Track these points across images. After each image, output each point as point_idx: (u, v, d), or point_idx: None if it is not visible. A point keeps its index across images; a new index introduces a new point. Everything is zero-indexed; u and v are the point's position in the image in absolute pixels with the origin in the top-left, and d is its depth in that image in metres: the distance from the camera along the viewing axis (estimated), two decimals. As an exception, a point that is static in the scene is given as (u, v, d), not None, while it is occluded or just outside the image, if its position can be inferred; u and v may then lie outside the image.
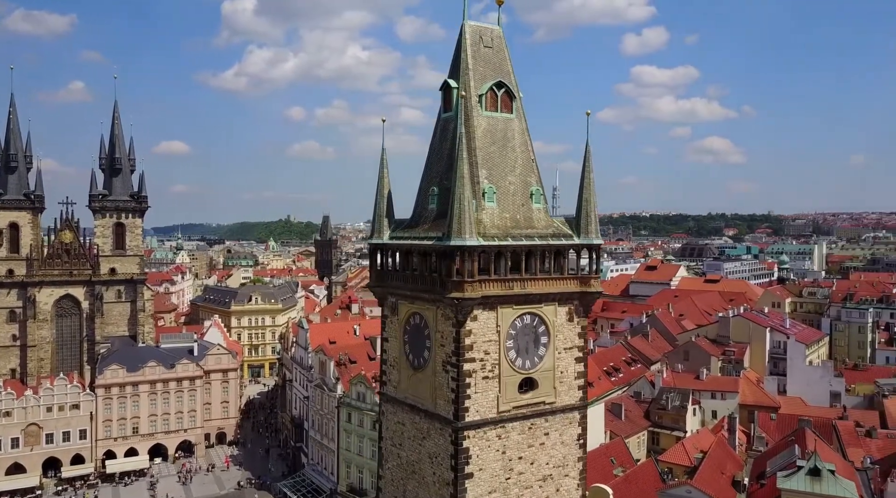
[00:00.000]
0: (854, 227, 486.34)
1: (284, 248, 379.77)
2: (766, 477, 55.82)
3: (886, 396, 76.55)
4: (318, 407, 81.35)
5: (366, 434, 73.26)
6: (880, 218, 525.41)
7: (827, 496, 45.48)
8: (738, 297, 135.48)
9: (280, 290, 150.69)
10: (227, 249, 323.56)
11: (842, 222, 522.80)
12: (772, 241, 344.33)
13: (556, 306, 30.25)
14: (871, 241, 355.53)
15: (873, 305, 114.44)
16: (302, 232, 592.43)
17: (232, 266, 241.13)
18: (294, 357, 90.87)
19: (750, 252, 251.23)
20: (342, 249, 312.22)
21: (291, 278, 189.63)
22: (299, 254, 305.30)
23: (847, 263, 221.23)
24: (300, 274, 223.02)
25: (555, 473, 30.61)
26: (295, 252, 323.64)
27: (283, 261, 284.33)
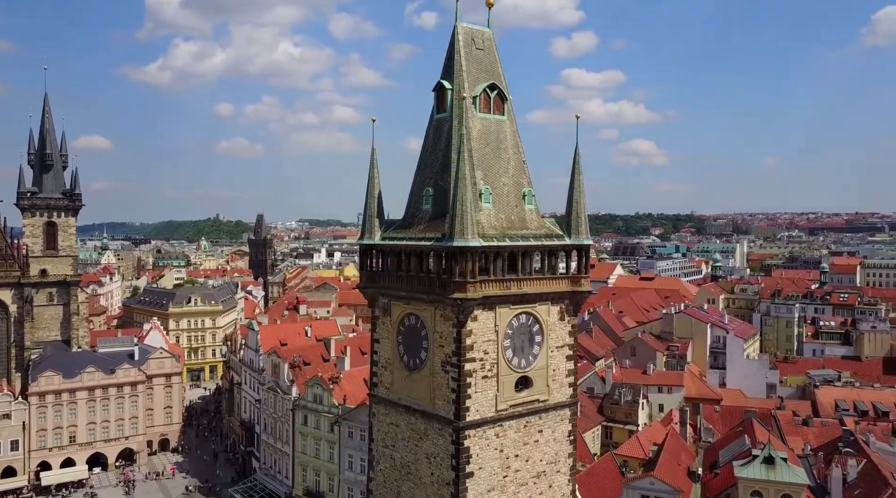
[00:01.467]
0: (770, 226, 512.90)
1: (215, 247, 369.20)
2: (719, 466, 58.49)
3: (818, 387, 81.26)
4: (271, 410, 79.73)
5: (323, 436, 72.41)
6: (793, 218, 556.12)
7: (781, 483, 48.07)
8: (672, 294, 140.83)
9: (220, 291, 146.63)
10: (157, 249, 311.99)
11: (758, 222, 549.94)
12: (696, 241, 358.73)
13: (549, 306, 30.84)
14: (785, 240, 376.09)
15: (799, 300, 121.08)
16: (232, 231, 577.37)
17: (163, 266, 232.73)
18: (243, 360, 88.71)
19: (678, 251, 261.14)
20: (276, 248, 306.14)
21: (230, 279, 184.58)
22: (233, 254, 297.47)
23: (768, 261, 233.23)
24: (235, 274, 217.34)
25: (548, 470, 31.21)
26: (228, 252, 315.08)
27: (216, 261, 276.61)
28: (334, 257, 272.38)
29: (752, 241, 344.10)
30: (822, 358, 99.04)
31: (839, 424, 68.81)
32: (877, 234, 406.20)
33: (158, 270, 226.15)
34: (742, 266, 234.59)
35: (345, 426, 69.72)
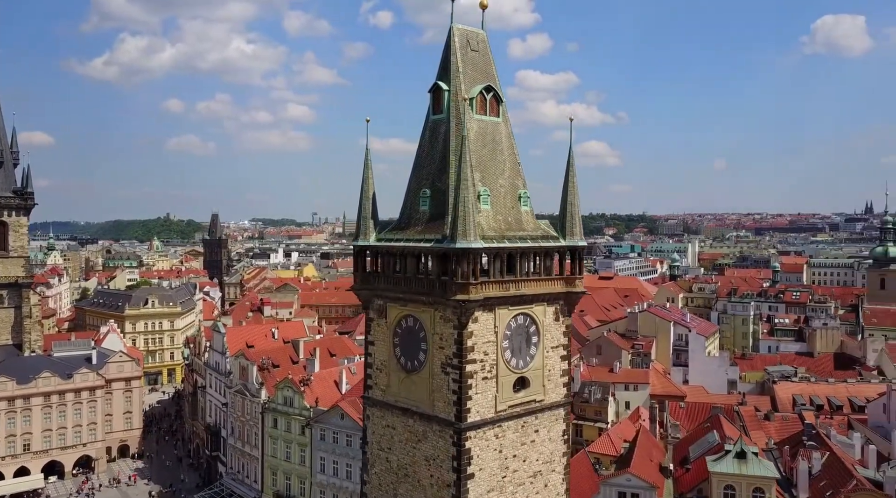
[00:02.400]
0: (719, 226, 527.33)
1: (167, 247, 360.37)
2: (690, 462, 59.91)
3: (776, 382, 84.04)
4: (238, 413, 78.28)
5: (294, 439, 71.49)
6: (739, 219, 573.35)
7: (752, 476, 49.54)
8: (632, 293, 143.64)
9: (178, 292, 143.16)
10: (107, 250, 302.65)
11: (707, 222, 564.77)
12: (649, 240, 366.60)
13: (545, 306, 31.13)
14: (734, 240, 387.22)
15: (754, 298, 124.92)
16: (184, 231, 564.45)
17: (114, 267, 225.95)
18: (209, 363, 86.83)
19: (634, 250, 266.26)
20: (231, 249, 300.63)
21: (187, 280, 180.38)
22: (187, 254, 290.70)
23: (720, 261, 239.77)
24: (190, 275, 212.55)
25: (543, 470, 31.50)
26: (181, 252, 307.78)
27: (169, 261, 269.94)
28: (292, 258, 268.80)
29: (702, 241, 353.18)
30: (777, 354, 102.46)
31: (798, 419, 71.38)
32: (818, 234, 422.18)
33: (109, 271, 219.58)
34: (695, 265, 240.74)
35: (317, 429, 68.95)
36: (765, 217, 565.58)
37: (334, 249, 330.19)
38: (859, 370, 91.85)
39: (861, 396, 78.65)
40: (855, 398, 78.41)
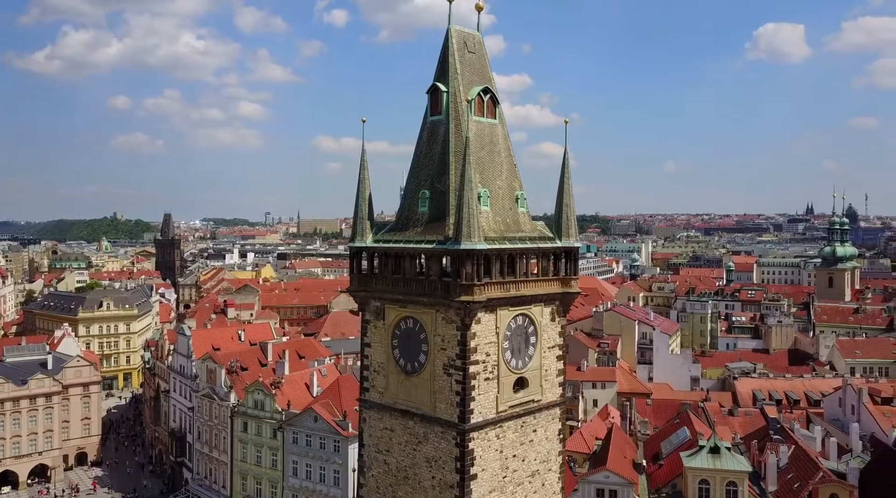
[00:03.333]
0: (669, 226, 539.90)
1: (116, 248, 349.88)
2: (662, 457, 61.28)
3: (736, 378, 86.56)
4: (205, 418, 76.59)
5: (265, 443, 70.38)
6: (689, 219, 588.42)
7: (726, 470, 50.89)
8: (591, 292, 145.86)
9: (134, 294, 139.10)
10: (52, 250, 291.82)
11: (658, 222, 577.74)
12: (603, 240, 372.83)
13: (542, 307, 31.42)
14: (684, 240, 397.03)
15: (711, 297, 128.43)
16: (132, 231, 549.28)
17: (61, 269, 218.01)
18: (172, 366, 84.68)
19: (590, 250, 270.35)
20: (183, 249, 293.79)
21: (143, 281, 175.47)
22: (138, 255, 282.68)
23: (673, 260, 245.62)
24: (142, 277, 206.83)
25: (541, 469, 31.79)
26: (132, 253, 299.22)
27: (119, 262, 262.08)
28: (248, 258, 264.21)
29: (654, 241, 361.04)
30: (735, 351, 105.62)
31: (760, 414, 73.62)
32: (763, 234, 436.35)
33: (56, 273, 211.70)
34: (648, 265, 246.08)
35: (289, 432, 68.05)
36: (713, 217, 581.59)
37: (290, 249, 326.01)
38: (813, 366, 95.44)
39: (816, 390, 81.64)
40: (811, 393, 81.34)
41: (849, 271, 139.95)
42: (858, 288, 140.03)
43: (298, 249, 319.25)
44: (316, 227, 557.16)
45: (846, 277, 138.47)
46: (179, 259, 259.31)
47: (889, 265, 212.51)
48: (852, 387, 72.06)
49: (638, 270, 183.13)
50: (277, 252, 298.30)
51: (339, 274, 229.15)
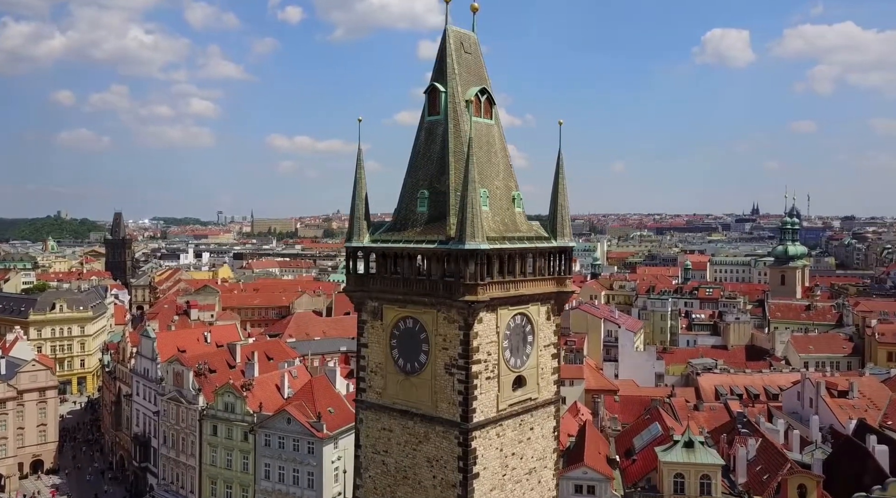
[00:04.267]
0: (622, 226, 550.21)
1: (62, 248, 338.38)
2: (635, 453, 62.53)
3: (699, 374, 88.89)
4: (172, 422, 74.83)
5: (235, 446, 69.19)
6: (641, 219, 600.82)
7: (700, 464, 52.30)
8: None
9: (89, 296, 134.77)
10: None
11: (612, 222, 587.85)
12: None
13: (539, 306, 31.77)
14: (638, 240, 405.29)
15: (671, 295, 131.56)
16: (77, 230, 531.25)
17: (6, 269, 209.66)
18: (136, 369, 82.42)
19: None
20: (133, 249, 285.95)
21: (98, 282, 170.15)
22: (86, 255, 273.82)
23: (629, 259, 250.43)
24: (93, 278, 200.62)
25: (537, 466, 32.15)
26: (80, 253, 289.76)
27: (67, 263, 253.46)
28: (203, 258, 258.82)
29: (609, 241, 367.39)
30: (695, 348, 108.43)
31: (724, 408, 75.81)
32: (712, 233, 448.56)
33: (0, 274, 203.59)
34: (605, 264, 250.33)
35: (261, 434, 67.05)
36: (664, 217, 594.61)
37: (246, 249, 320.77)
38: (769, 361, 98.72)
39: (774, 385, 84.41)
40: (770, 387, 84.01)
41: (799, 269, 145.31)
42: (808, 286, 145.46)
43: (254, 249, 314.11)
44: (270, 226, 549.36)
45: (797, 275, 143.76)
46: (131, 259, 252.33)
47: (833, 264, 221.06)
48: (810, 381, 74.82)
49: (598, 269, 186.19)
50: (233, 252, 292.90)
51: (298, 274, 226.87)
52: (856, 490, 50.73)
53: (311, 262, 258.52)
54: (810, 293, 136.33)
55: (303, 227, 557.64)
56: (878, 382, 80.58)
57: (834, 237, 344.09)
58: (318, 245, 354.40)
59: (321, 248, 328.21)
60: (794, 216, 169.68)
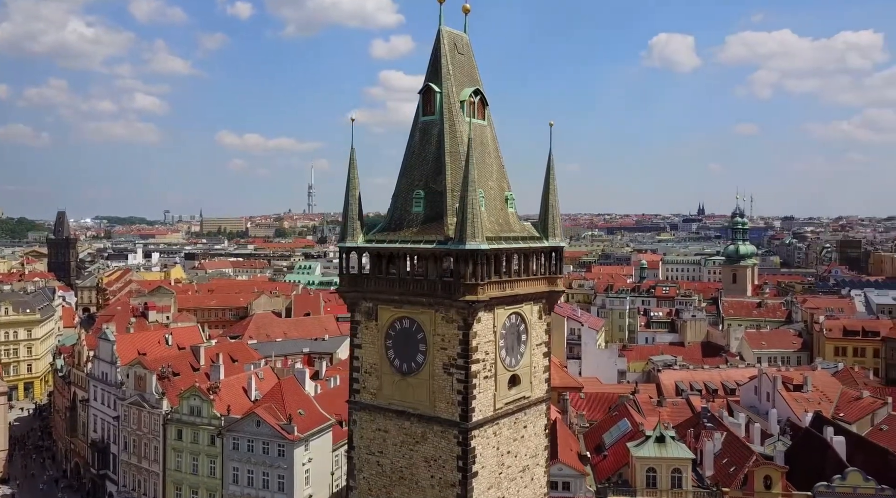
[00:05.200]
0: (573, 226, 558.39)
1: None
2: (606, 449, 63.70)
3: (660, 371, 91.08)
4: (133, 427, 72.66)
5: (202, 450, 67.64)
6: (592, 218, 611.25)
7: (672, 458, 53.63)
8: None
9: (35, 298, 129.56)
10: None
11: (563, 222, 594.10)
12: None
13: (531, 305, 32.14)
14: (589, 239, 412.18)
15: (629, 293, 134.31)
16: (14, 229, 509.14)
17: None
18: (93, 373, 79.69)
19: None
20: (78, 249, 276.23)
21: (45, 283, 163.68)
22: (27, 255, 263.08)
23: (584, 258, 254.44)
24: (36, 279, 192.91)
25: (530, 463, 32.53)
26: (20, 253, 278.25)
27: (7, 263, 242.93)
28: (153, 258, 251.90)
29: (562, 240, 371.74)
30: (654, 345, 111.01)
31: (686, 403, 77.91)
32: (661, 233, 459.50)
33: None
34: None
35: (229, 438, 65.73)
36: (614, 217, 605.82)
37: (197, 249, 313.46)
38: (725, 357, 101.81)
39: (731, 380, 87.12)
40: (727, 382, 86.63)
41: (749, 268, 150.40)
42: (757, 284, 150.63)
43: (206, 249, 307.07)
44: (220, 225, 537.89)
45: (748, 274, 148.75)
46: (75, 260, 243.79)
47: (778, 262, 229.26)
48: (767, 376, 77.54)
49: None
50: (184, 252, 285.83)
51: (253, 275, 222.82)
52: (817, 480, 52.87)
53: (265, 262, 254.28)
54: (760, 291, 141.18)
55: (254, 227, 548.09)
56: (829, 376, 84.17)
57: (775, 237, 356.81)
58: (271, 245, 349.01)
59: (274, 247, 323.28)
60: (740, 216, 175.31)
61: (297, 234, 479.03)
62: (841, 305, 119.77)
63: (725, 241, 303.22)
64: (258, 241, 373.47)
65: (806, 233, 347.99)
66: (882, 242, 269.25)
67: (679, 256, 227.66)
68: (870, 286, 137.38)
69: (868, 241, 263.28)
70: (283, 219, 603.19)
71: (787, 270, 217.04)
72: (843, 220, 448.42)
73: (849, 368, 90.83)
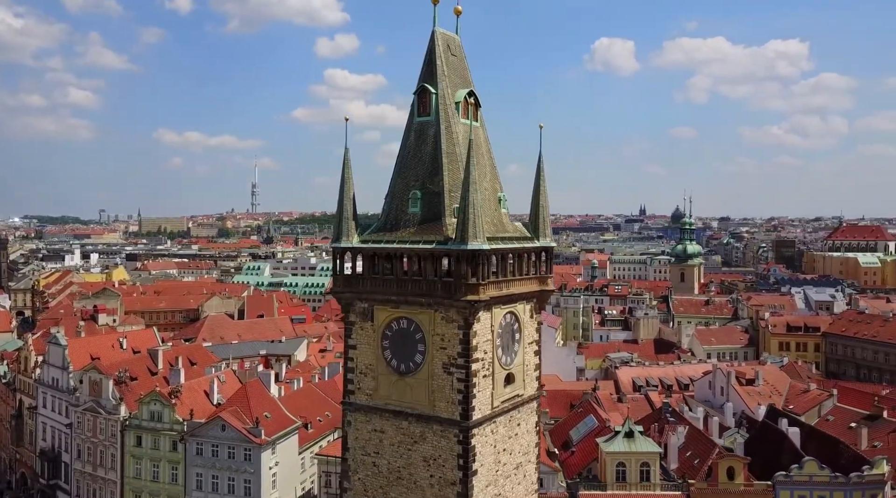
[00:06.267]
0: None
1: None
2: (573, 445, 64.89)
3: (618, 368, 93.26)
4: (88, 434, 70.08)
5: (163, 456, 65.88)
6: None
7: (641, 452, 55.07)
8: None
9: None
10: None
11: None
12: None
13: (524, 304, 32.57)
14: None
15: (583, 292, 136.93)
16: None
17: None
18: (42, 380, 76.40)
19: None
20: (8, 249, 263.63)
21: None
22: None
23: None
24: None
25: (523, 461, 32.94)
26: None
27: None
28: (91, 259, 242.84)
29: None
30: (608, 342, 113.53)
31: (645, 399, 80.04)
32: (605, 233, 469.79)
33: None
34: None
35: (192, 443, 64.17)
36: (558, 218, 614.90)
37: (138, 249, 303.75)
38: (678, 353, 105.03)
39: (685, 375, 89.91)
40: (681, 378, 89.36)
41: (696, 267, 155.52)
42: (703, 282, 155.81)
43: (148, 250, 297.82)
44: (160, 225, 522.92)
45: (695, 272, 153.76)
46: (6, 261, 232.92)
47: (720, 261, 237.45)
48: (721, 370, 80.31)
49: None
50: (125, 253, 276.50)
51: (199, 276, 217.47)
52: (775, 470, 55.17)
53: (211, 263, 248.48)
54: (706, 289, 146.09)
55: (195, 227, 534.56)
56: (778, 370, 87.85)
57: (713, 237, 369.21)
58: (216, 245, 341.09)
59: (219, 248, 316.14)
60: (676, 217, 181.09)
61: (241, 235, 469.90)
62: (782, 302, 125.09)
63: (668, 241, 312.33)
64: (202, 242, 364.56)
65: (742, 233, 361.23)
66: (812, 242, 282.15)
67: (626, 256, 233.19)
68: (807, 284, 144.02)
69: (800, 241, 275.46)
70: (226, 218, 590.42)
71: (728, 269, 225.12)
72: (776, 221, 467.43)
73: (793, 363, 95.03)
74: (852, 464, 54.78)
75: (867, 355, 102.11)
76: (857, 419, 66.39)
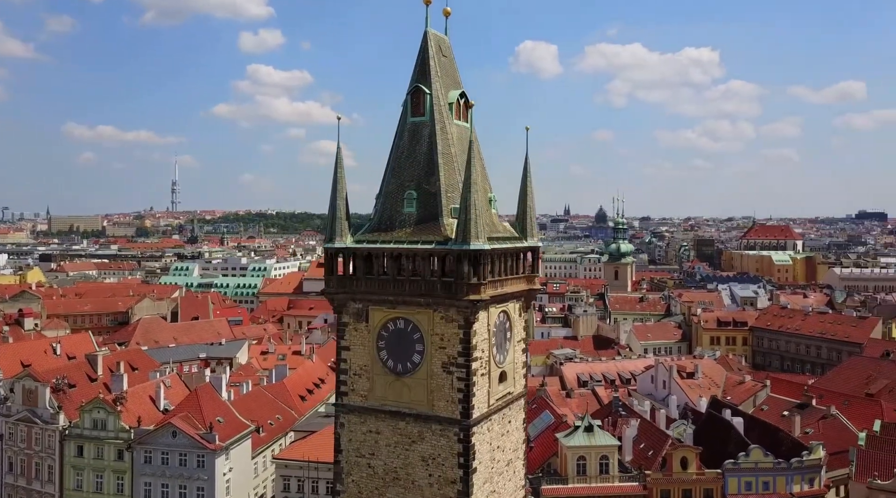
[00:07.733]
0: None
1: None
2: (532, 440, 65.85)
3: (563, 364, 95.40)
4: (21, 446, 65.93)
5: (107, 466, 62.73)
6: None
7: (600, 446, 56.63)
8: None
9: None
10: None
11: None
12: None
13: (515, 303, 33.02)
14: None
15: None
16: None
17: None
18: (-33, 389, 71.32)
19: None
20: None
21: None
22: None
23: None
24: None
25: (513, 457, 33.41)
26: None
27: None
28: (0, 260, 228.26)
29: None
30: (549, 339, 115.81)
31: (592, 394, 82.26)
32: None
33: None
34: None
35: (140, 451, 61.49)
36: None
37: (51, 249, 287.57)
38: (617, 349, 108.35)
39: (626, 370, 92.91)
40: (623, 373, 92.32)
41: (629, 265, 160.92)
42: (635, 280, 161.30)
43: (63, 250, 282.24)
44: (73, 224, 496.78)
45: (628, 270, 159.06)
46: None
47: (647, 260, 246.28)
48: (664, 365, 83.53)
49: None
50: (38, 253, 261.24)
51: (122, 277, 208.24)
52: (723, 458, 57.95)
53: (134, 263, 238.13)
54: (638, 286, 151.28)
55: (111, 226, 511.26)
56: (714, 363, 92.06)
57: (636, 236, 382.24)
58: (137, 245, 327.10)
59: (141, 248, 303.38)
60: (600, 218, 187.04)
61: (161, 234, 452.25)
62: (711, 299, 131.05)
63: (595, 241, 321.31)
64: (121, 241, 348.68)
65: (663, 232, 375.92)
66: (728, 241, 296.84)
67: (556, 255, 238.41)
68: (731, 280, 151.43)
69: (718, 240, 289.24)
70: (145, 217, 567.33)
71: (654, 267, 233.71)
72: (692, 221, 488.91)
73: (725, 356, 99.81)
74: (791, 450, 58.24)
75: (791, 348, 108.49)
76: (790, 408, 70.66)
